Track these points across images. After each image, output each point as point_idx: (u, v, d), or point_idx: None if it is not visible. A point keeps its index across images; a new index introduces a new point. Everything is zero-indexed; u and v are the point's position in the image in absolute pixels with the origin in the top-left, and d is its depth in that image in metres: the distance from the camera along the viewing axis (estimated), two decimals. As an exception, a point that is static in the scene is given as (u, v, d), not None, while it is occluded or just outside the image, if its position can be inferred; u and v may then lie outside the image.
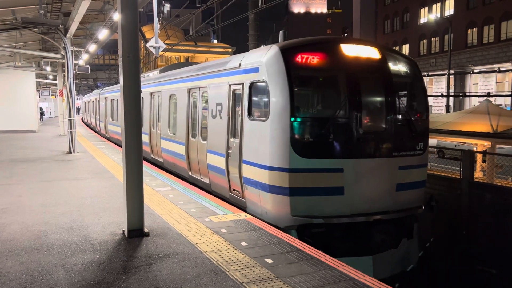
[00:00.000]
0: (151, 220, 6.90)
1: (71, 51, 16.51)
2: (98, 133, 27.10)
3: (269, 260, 5.16)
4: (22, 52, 22.15)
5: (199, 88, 10.05)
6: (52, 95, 46.89)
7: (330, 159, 6.87)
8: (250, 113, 7.53)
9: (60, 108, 25.70)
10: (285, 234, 6.28)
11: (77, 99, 38.17)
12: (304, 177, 6.77)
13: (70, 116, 16.46)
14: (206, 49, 46.58)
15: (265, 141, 6.96)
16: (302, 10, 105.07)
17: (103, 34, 17.36)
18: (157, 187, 9.50)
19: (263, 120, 7.06)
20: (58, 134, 25.84)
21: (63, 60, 17.28)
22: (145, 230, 6.20)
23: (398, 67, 7.83)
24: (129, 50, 5.99)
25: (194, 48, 44.11)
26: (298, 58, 6.96)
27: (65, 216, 7.21)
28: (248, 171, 7.49)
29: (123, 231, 6.26)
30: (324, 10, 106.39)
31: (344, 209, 6.89)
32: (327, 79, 7.56)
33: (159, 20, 19.04)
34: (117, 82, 39.49)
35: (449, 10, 40.92)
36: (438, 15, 40.41)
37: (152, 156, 14.09)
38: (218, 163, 8.73)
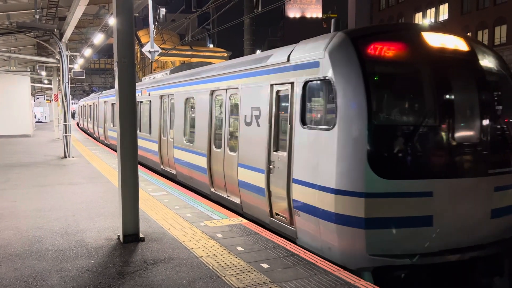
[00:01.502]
0: (147, 225, 6.87)
1: (66, 55, 16.48)
2: (97, 139, 25.81)
3: (265, 265, 5.15)
4: (17, 56, 22.09)
5: (226, 89, 8.54)
6: (47, 99, 46.75)
7: (418, 180, 5.33)
8: (304, 120, 6.04)
9: (55, 113, 25.60)
10: (281, 238, 6.23)
11: (72, 103, 38.04)
12: (385, 204, 5.25)
13: (65, 121, 16.41)
14: (201, 53, 46.68)
15: (330, 155, 5.46)
16: (298, 15, 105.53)
17: (98, 38, 17.34)
18: (153, 192, 9.47)
19: (327, 129, 5.54)
20: (53, 138, 25.73)
21: (58, 65, 17.26)
22: (141, 235, 6.18)
23: (489, 61, 6.32)
24: (125, 55, 5.99)
25: (189, 53, 44.20)
26: (373, 49, 5.51)
27: (60, 221, 7.17)
28: (302, 193, 5.95)
29: (118, 236, 6.23)
30: (320, 15, 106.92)
31: (432, 244, 5.38)
32: (410, 76, 5.95)
33: (154, 24, 19.06)
34: (112, 87, 39.44)
35: (443, 15, 41.25)
36: (433, 20, 40.72)
37: (162, 167, 12.55)
38: (253, 180, 7.28)
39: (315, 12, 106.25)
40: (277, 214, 6.75)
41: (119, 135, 6.03)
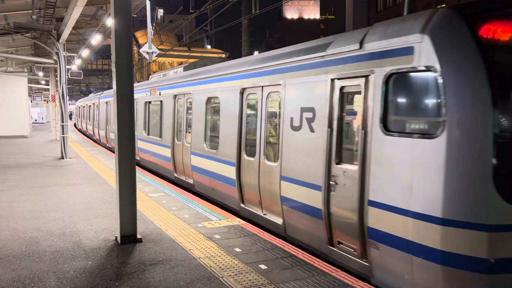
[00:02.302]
0: (144, 226, 6.86)
1: (64, 56, 16.46)
2: (97, 142, 24.73)
3: (263, 266, 5.15)
4: (14, 57, 22.07)
5: (263, 87, 7.23)
6: (44, 100, 46.64)
7: None
8: (386, 124, 4.68)
9: (53, 114, 25.55)
10: (279, 239, 6.23)
11: (69, 104, 37.84)
12: None
13: (62, 122, 16.38)
14: (199, 54, 46.59)
15: (434, 173, 4.14)
16: (295, 16, 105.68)
17: (96, 39, 17.33)
18: (150, 193, 9.45)
19: (429, 137, 4.20)
20: (50, 139, 25.67)
21: (56, 65, 17.21)
22: (138, 236, 6.17)
23: None
24: (123, 56, 5.99)
25: (187, 54, 44.15)
26: (491, 29, 4.18)
27: (57, 222, 7.15)
28: (383, 221, 4.64)
29: (116, 237, 6.22)
30: (317, 16, 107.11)
31: None
32: None
33: (152, 25, 19.05)
34: (110, 87, 39.33)
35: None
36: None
37: (176, 175, 11.22)
38: (304, 198, 5.98)
39: (313, 13, 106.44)
40: (340, 242, 5.41)
41: (117, 136, 6.02)
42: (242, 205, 7.91)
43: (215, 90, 9.09)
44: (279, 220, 6.71)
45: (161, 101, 12.58)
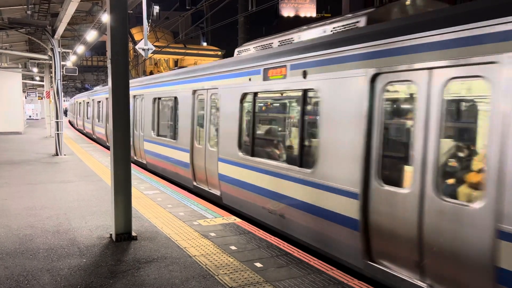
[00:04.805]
0: (139, 223, 6.83)
1: (59, 52, 16.34)
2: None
3: (258, 264, 5.14)
4: (8, 52, 21.89)
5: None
6: (38, 96, 46.34)
7: None
8: None
9: (47, 110, 25.38)
10: (274, 237, 6.22)
11: (64, 100, 37.52)
12: None
13: (57, 118, 16.28)
14: (195, 51, 46.46)
15: None
16: (292, 14, 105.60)
17: (91, 35, 17.22)
18: (145, 190, 9.41)
19: None
20: (44, 136, 25.52)
21: (50, 61, 17.10)
22: (133, 234, 6.14)
23: None
24: (118, 52, 5.95)
25: (183, 51, 43.98)
26: None
27: (52, 219, 7.10)
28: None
29: (111, 235, 6.19)
30: (314, 14, 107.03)
31: None
32: None
33: (148, 22, 18.96)
34: (106, 84, 39.08)
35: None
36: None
37: (196, 183, 9.77)
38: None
39: (309, 11, 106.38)
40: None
41: (112, 133, 5.99)
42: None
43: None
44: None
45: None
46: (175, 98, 11.05)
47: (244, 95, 7.71)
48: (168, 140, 11.43)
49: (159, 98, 12.47)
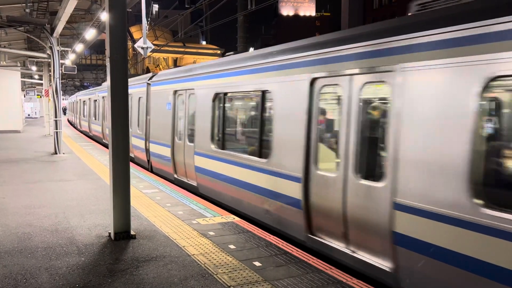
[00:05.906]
0: (138, 222, 6.82)
1: (58, 50, 16.31)
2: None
3: (257, 263, 5.14)
4: (7, 51, 21.82)
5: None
6: (37, 95, 46.28)
7: None
8: None
9: (46, 109, 25.34)
10: (273, 236, 6.24)
11: (63, 99, 37.43)
12: None
13: (56, 117, 16.26)
14: (194, 50, 46.44)
15: None
16: (291, 13, 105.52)
17: (90, 34, 17.17)
18: (144, 189, 9.41)
19: None
20: (43, 134, 25.48)
21: (49, 60, 17.06)
22: (132, 232, 6.14)
23: None
24: (117, 51, 5.94)
25: (182, 50, 43.95)
26: None
27: (50, 218, 7.09)
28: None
29: (109, 233, 6.18)
30: (313, 13, 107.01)
31: None
32: None
33: (147, 20, 18.92)
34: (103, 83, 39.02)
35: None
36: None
37: (176, 175, 9.60)
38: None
39: (309, 10, 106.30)
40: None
41: (111, 132, 5.98)
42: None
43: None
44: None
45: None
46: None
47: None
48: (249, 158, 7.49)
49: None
